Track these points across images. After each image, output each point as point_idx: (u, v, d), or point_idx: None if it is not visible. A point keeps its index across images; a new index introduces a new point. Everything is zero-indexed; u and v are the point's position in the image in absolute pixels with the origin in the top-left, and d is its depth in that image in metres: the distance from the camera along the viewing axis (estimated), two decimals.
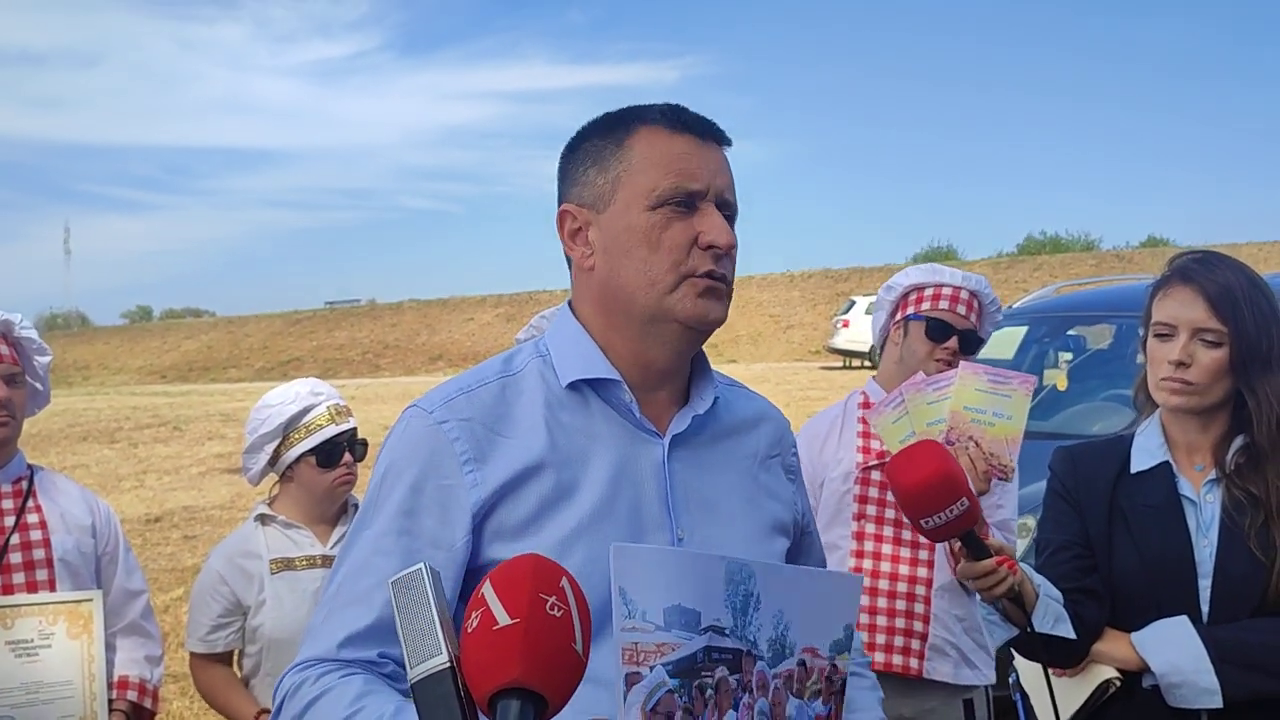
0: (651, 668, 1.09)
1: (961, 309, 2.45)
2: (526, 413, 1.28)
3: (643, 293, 1.26)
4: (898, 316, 2.53)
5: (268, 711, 2.37)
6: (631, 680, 1.08)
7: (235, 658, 2.48)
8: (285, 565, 2.42)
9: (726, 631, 1.15)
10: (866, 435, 2.45)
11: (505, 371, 1.32)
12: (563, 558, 1.18)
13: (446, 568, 1.22)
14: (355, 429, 2.52)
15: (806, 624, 1.22)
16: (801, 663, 1.22)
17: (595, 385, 1.30)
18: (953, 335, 2.43)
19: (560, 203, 1.34)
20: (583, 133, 1.34)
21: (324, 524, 2.52)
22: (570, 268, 1.35)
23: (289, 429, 2.46)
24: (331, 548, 2.48)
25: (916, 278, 2.51)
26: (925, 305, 2.47)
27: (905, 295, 2.52)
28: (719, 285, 1.28)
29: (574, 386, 1.30)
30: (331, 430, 2.46)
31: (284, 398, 2.48)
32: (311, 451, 2.45)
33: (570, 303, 1.37)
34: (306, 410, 2.46)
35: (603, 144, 1.30)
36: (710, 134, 1.31)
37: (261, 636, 2.39)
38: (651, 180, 1.26)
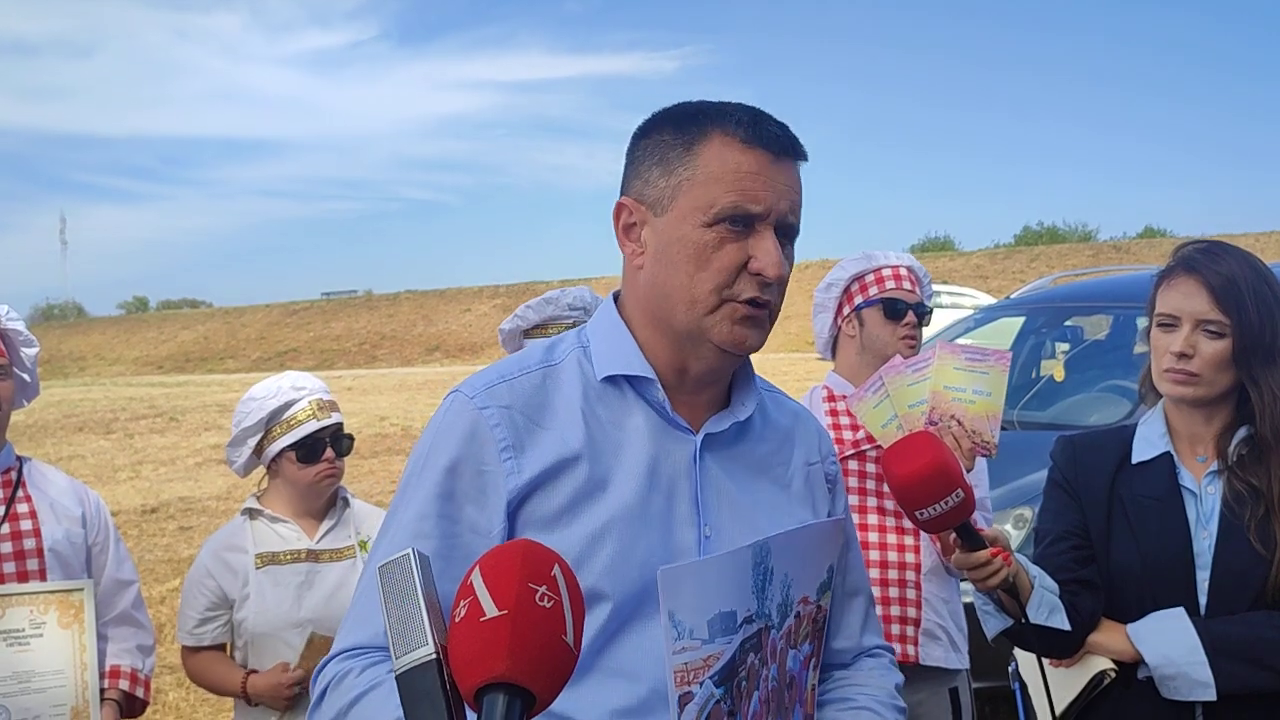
0: (701, 684, 1.11)
1: (907, 285, 2.49)
2: (565, 404, 1.27)
3: (683, 309, 1.24)
4: (845, 310, 2.53)
5: (255, 671, 2.38)
6: (684, 701, 1.10)
7: (227, 651, 2.47)
8: (270, 560, 2.42)
9: (754, 618, 1.18)
10: (836, 427, 2.45)
11: (547, 361, 1.31)
12: (593, 551, 1.20)
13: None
14: (340, 424, 2.50)
15: (802, 577, 1.24)
16: (797, 614, 1.25)
17: (631, 380, 1.29)
18: (909, 311, 2.46)
19: (621, 192, 1.30)
20: (655, 122, 1.30)
21: (311, 518, 2.50)
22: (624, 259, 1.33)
23: (271, 423, 2.45)
24: (318, 541, 2.47)
25: (855, 268, 2.53)
26: (874, 290, 2.49)
27: (848, 288, 2.54)
28: (759, 313, 1.25)
29: (611, 379, 1.28)
30: (312, 426, 2.44)
31: (267, 391, 2.47)
32: (292, 447, 2.44)
33: (616, 294, 1.36)
34: (288, 405, 2.45)
35: (671, 142, 1.26)
36: (785, 150, 1.25)
37: (246, 630, 2.40)
38: (712, 195, 1.22)
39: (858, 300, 2.51)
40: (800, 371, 16.38)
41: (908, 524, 2.37)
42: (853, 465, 2.41)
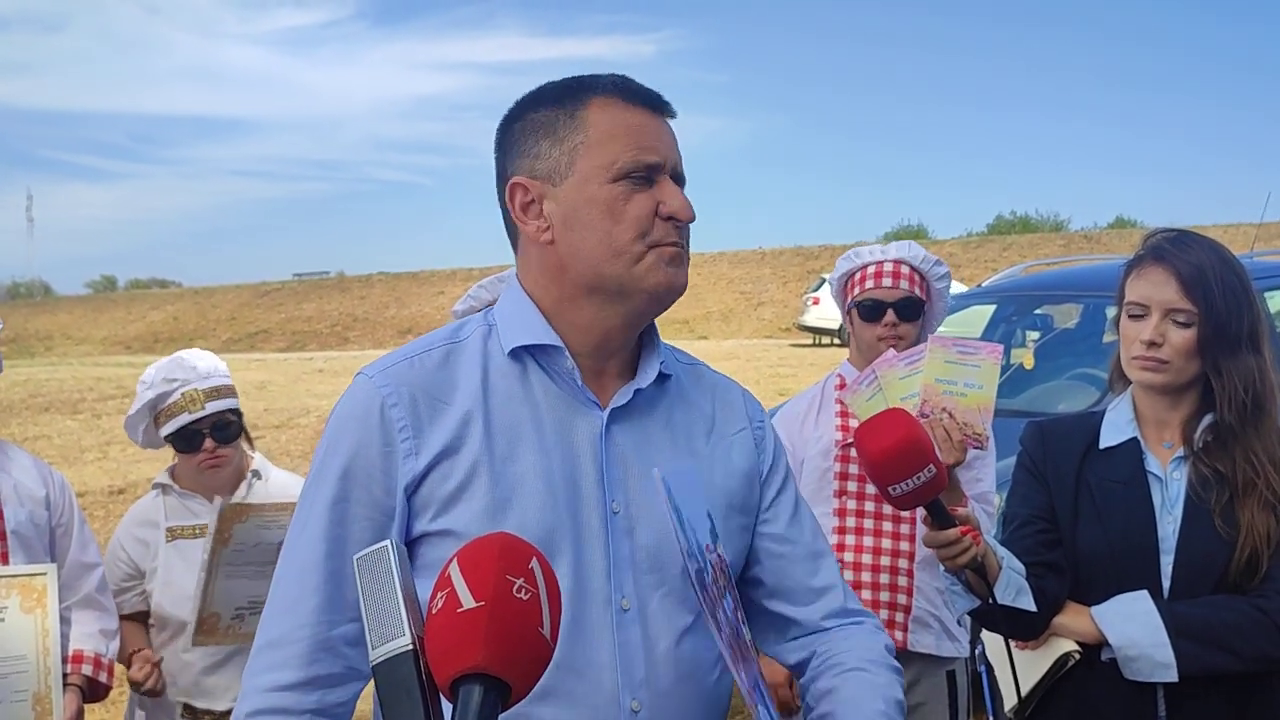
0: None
1: (887, 281, 2.49)
2: (465, 380, 1.28)
3: (608, 264, 1.26)
4: (846, 305, 2.59)
5: (140, 651, 2.40)
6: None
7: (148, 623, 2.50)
8: (179, 533, 2.45)
9: (692, 553, 1.22)
10: (844, 414, 2.49)
11: (452, 339, 1.32)
12: (489, 529, 1.18)
13: (388, 535, 1.22)
14: (222, 412, 2.44)
15: (697, 524, 1.26)
16: (711, 562, 1.26)
17: (536, 354, 1.30)
18: (886, 309, 2.47)
19: (505, 176, 1.32)
20: (526, 103, 1.33)
21: (221, 494, 2.49)
22: (515, 241, 1.35)
23: (155, 410, 2.45)
24: None
25: (844, 267, 2.58)
26: (856, 290, 2.53)
27: (845, 285, 2.59)
28: (682, 253, 1.29)
29: (515, 355, 1.30)
30: (184, 419, 2.41)
31: (148, 379, 2.46)
32: (169, 438, 2.44)
33: (517, 275, 1.36)
34: (165, 395, 2.43)
35: (553, 115, 1.29)
36: (661, 107, 1.31)
37: (154, 605, 2.44)
38: (611, 153, 1.25)
39: (849, 299, 2.56)
40: (773, 357, 16.45)
41: (904, 513, 2.39)
42: (854, 453, 2.43)
